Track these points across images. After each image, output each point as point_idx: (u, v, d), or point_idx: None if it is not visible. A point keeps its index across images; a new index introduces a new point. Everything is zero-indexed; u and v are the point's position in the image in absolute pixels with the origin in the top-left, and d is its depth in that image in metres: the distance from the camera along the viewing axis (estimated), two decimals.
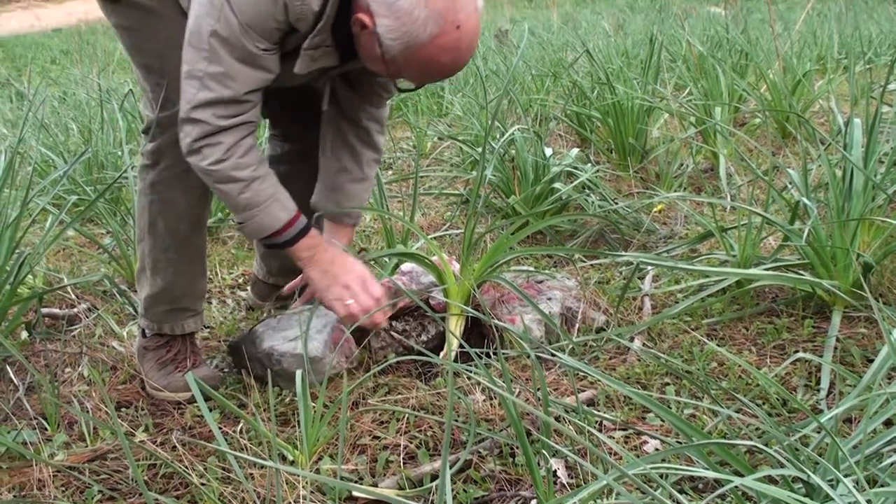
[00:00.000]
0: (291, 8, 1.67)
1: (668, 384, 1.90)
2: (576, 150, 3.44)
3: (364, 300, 1.94)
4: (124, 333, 2.38)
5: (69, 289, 2.66)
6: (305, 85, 1.99)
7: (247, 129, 1.82)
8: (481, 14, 1.70)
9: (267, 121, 2.32)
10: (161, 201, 1.98)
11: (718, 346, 2.02)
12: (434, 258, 2.15)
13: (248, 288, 2.62)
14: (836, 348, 1.95)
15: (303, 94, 2.10)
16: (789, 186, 2.56)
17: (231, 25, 1.69)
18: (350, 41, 1.75)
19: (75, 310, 2.57)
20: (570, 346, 2.06)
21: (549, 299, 2.20)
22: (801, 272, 2.17)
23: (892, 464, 1.30)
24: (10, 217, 2.27)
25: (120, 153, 3.72)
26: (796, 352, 1.96)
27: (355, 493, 1.57)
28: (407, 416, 1.83)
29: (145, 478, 1.72)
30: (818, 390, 1.80)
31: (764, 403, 1.76)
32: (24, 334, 2.36)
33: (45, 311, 2.50)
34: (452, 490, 1.55)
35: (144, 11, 1.87)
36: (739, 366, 1.87)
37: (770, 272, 2.15)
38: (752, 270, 2.16)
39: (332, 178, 2.12)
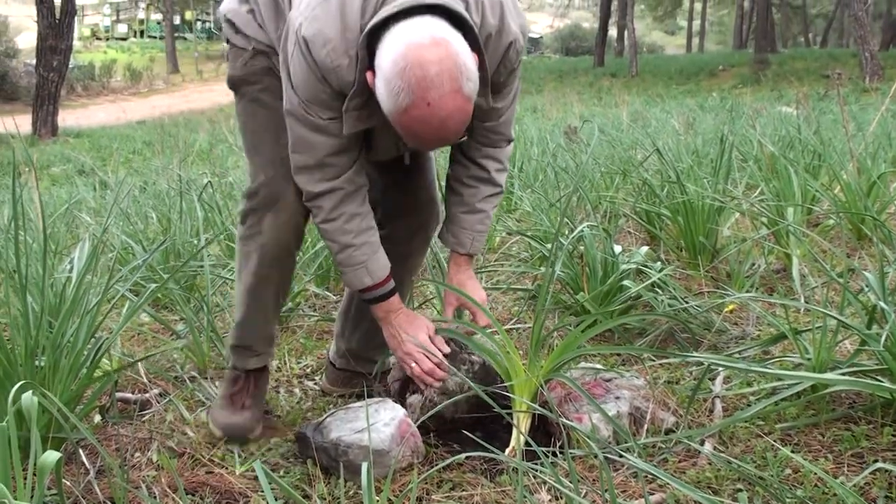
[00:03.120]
0: (331, 80, 1.90)
1: (740, 490, 1.84)
2: (645, 248, 3.43)
3: (424, 365, 2.19)
4: (193, 420, 2.42)
5: (142, 374, 2.71)
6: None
7: (342, 196, 2.08)
8: (471, 98, 1.80)
9: None
10: (244, 254, 2.25)
11: (793, 452, 1.97)
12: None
13: (322, 372, 2.69)
14: None
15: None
16: (865, 289, 2.51)
17: (294, 103, 1.99)
18: None
19: (147, 395, 2.61)
20: (638, 449, 2.02)
21: (618, 398, 2.17)
22: (880, 378, 2.11)
23: None
24: (90, 303, 2.34)
25: (197, 242, 3.82)
26: (875, 461, 1.89)
27: None
28: None
29: None
30: None
31: None
32: (98, 418, 2.40)
33: (118, 395, 2.55)
34: None
35: (251, 100, 2.19)
36: (815, 474, 1.81)
37: (847, 377, 2.09)
38: (828, 375, 2.11)
39: (450, 210, 2.34)
